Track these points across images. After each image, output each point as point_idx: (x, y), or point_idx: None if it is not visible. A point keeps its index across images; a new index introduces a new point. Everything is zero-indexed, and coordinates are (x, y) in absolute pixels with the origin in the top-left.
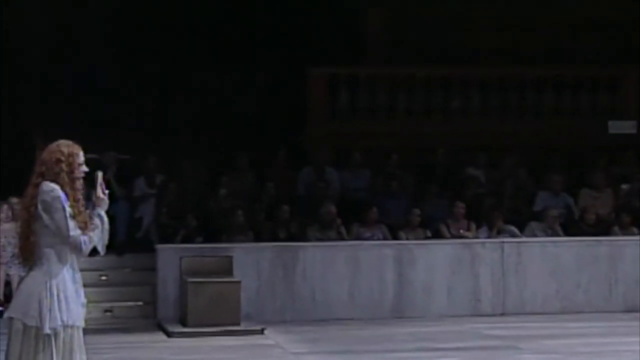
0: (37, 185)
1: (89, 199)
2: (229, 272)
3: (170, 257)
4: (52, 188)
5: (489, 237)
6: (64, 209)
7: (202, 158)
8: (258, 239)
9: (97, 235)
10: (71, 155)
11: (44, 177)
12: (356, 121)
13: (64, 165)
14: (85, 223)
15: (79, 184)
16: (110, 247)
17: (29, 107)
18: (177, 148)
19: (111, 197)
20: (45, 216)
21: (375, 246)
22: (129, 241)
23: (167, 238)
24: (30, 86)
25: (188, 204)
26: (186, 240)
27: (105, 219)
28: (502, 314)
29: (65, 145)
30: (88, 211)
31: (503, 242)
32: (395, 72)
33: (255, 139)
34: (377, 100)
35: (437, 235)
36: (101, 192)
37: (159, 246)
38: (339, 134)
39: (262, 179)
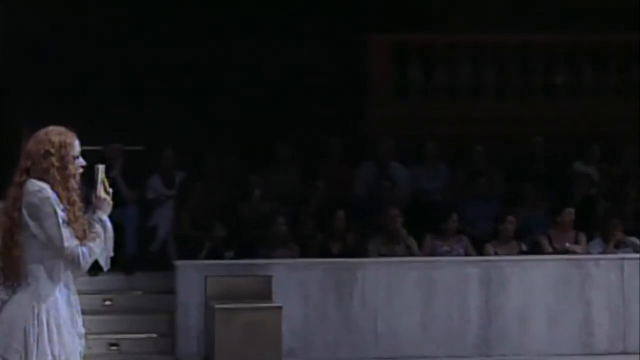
0: (22, 185)
1: (89, 202)
2: (267, 296)
3: (193, 276)
4: (40, 188)
5: (604, 252)
6: (56, 214)
7: (234, 150)
8: (305, 254)
9: (99, 247)
10: (64, 145)
11: (29, 174)
12: (430, 103)
13: (54, 160)
14: (84, 231)
15: (75, 182)
16: (116, 263)
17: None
18: (202, 138)
19: (117, 199)
20: (32, 224)
21: (456, 264)
22: (140, 256)
23: (189, 252)
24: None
25: (215, 210)
26: (213, 255)
27: (109, 225)
28: (623, 353)
29: (56, 134)
30: (87, 216)
31: (624, 258)
32: (481, 41)
33: (300, 125)
34: (458, 77)
35: (536, 249)
36: (103, 192)
37: (179, 263)
38: (408, 119)
39: (309, 177)
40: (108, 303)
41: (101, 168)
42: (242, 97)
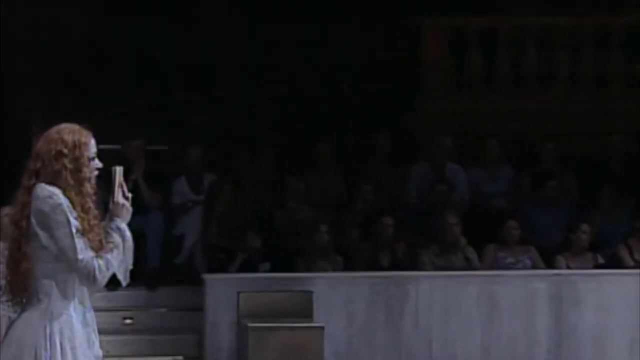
0: (30, 190)
1: (105, 208)
2: (307, 314)
3: (223, 292)
4: (50, 193)
5: None
6: (68, 222)
7: (269, 149)
8: (349, 266)
9: (117, 258)
10: (77, 145)
11: (39, 177)
12: (492, 95)
13: (67, 161)
14: (100, 241)
15: (90, 186)
16: (136, 277)
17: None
18: (233, 135)
19: (138, 204)
20: (42, 233)
21: (521, 278)
22: (164, 269)
23: (219, 264)
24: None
25: (249, 216)
26: (246, 267)
27: (128, 234)
28: None
29: (69, 132)
30: (103, 224)
31: None
32: (551, 24)
33: (343, 121)
34: (524, 65)
35: (615, 262)
36: (121, 197)
37: (208, 276)
38: (466, 114)
39: (354, 180)
40: (128, 321)
41: (119, 170)
42: (278, 90)
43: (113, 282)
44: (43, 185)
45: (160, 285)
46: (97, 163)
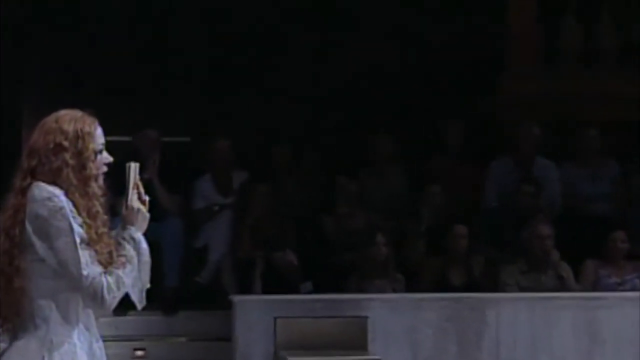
0: (24, 191)
1: (116, 213)
2: (361, 345)
3: (256, 317)
4: (50, 194)
5: None
6: (71, 230)
7: (313, 142)
8: (413, 285)
9: (131, 275)
10: (80, 136)
11: (34, 176)
12: (593, 73)
13: (68, 156)
14: (110, 254)
15: (97, 186)
16: (151, 299)
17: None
18: (270, 125)
19: (152, 209)
20: (39, 243)
21: (629, 302)
22: (184, 288)
23: (252, 283)
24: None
25: (288, 224)
26: (285, 287)
27: (144, 246)
28: None
29: (69, 120)
30: (114, 233)
31: None
32: None
33: (406, 109)
34: (634, 35)
35: None
36: (136, 200)
37: (238, 298)
38: (560, 98)
39: (419, 180)
40: (139, 353)
41: (133, 166)
42: (325, 74)
43: (123, 305)
44: (41, 184)
45: (179, 309)
46: (106, 157)
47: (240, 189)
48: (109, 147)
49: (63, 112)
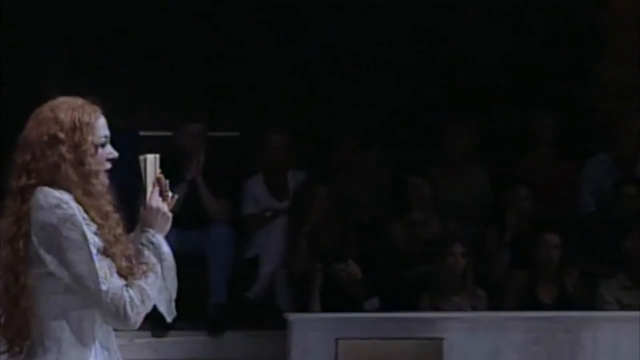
0: (23, 194)
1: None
2: None
3: (315, 337)
4: (58, 200)
5: None
6: (85, 240)
7: (378, 138)
8: (496, 303)
9: (155, 285)
10: (78, 126)
11: (29, 172)
12: None
13: (64, 149)
14: (129, 258)
15: (100, 183)
16: (197, 317)
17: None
18: (329, 118)
19: (195, 215)
20: (49, 258)
21: None
22: (233, 305)
23: (309, 299)
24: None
25: (352, 231)
26: (348, 304)
27: (166, 249)
28: None
29: (66, 108)
30: (132, 236)
31: None
32: None
33: (485, 97)
34: None
35: None
36: (156, 197)
37: (294, 316)
38: None
39: (502, 180)
40: None
41: (150, 158)
42: (389, 55)
43: (161, 325)
44: (46, 189)
45: (226, 329)
46: (110, 151)
47: (297, 191)
48: (148, 143)
49: (61, 100)
